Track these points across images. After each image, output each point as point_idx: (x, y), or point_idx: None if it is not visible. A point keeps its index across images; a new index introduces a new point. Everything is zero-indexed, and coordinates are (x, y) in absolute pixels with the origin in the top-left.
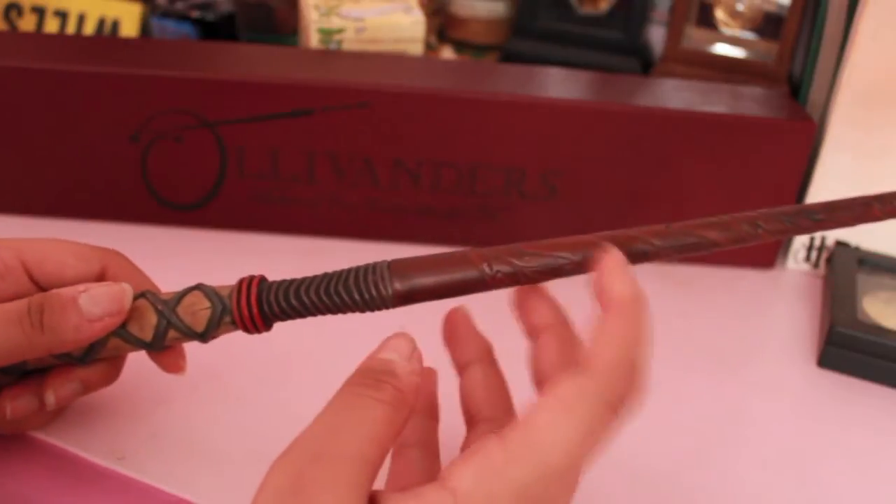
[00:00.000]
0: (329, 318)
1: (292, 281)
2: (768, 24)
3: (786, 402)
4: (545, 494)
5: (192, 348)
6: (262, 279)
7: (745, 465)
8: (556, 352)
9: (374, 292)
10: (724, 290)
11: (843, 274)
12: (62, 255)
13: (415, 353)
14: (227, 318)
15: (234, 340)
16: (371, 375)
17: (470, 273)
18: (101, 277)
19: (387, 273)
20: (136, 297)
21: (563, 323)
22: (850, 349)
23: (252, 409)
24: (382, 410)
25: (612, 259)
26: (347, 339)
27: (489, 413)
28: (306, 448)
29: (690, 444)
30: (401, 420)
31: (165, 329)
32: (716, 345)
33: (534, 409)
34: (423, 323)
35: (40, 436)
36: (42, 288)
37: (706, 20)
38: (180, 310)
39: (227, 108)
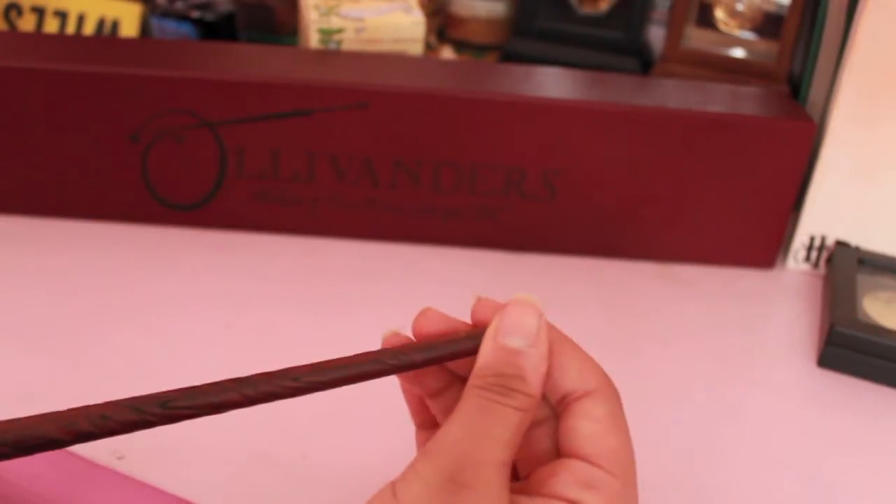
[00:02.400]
0: (327, 319)
1: None
2: (768, 24)
3: (786, 402)
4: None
5: (188, 347)
6: None
7: (744, 464)
8: (603, 421)
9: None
10: (724, 290)
11: (843, 274)
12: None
13: (540, 330)
14: None
15: (232, 339)
16: (501, 381)
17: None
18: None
19: None
20: None
21: (608, 388)
22: (850, 349)
23: (252, 409)
24: (518, 417)
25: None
26: (348, 338)
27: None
28: (451, 453)
29: (690, 443)
30: (529, 419)
31: None
32: (716, 344)
33: (600, 438)
34: None
35: None
36: None
37: (706, 20)
38: None
39: (227, 108)
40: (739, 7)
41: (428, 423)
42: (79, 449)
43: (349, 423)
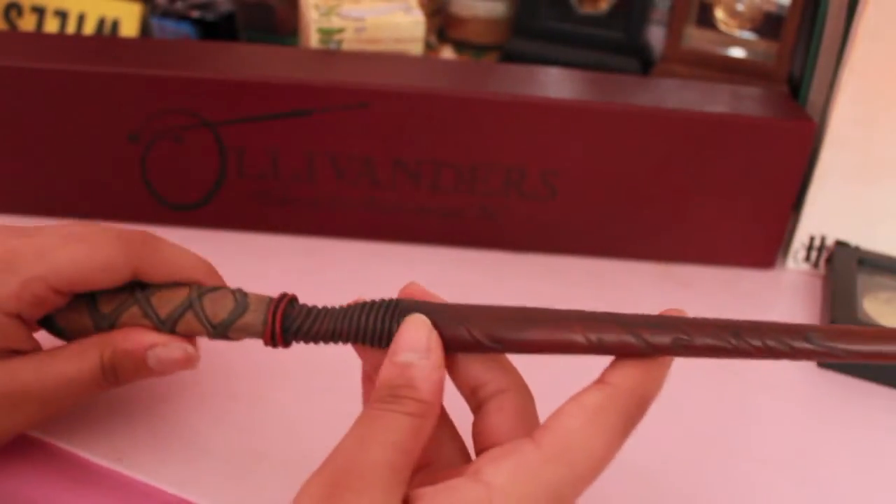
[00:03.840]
0: None
1: (322, 308)
2: (768, 24)
3: (786, 402)
4: (572, 497)
5: None
6: (294, 298)
7: (745, 464)
8: (514, 416)
9: (391, 331)
10: (724, 290)
11: (843, 274)
12: (89, 274)
13: (431, 342)
14: (248, 321)
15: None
16: (390, 392)
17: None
18: (132, 278)
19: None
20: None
21: (521, 387)
22: None
23: (252, 409)
24: (407, 421)
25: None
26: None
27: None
28: (337, 462)
29: (691, 443)
30: (427, 425)
31: (184, 311)
32: None
33: (563, 416)
34: None
35: (40, 436)
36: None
37: (706, 20)
38: (206, 299)
39: (227, 108)
40: (739, 7)
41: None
42: (79, 449)
43: (349, 422)
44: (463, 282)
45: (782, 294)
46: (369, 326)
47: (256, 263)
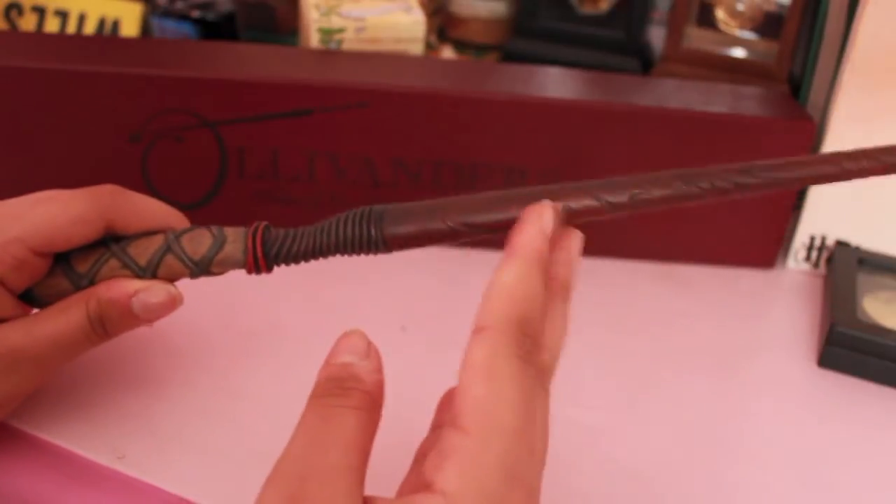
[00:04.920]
0: (332, 315)
1: (299, 229)
2: (768, 24)
3: (786, 401)
4: (518, 460)
5: (193, 346)
6: (269, 225)
7: (745, 464)
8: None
9: (371, 235)
10: (724, 290)
11: (843, 274)
12: (65, 230)
13: (370, 348)
14: (228, 252)
15: (236, 340)
16: (336, 384)
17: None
18: (106, 230)
19: (380, 218)
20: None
21: None
22: (850, 349)
23: (252, 407)
24: (357, 417)
25: (532, 211)
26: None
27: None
28: (292, 468)
29: (690, 443)
30: (375, 421)
31: (163, 254)
32: (716, 345)
33: (466, 387)
34: (422, 324)
35: (40, 435)
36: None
37: (706, 20)
38: (184, 239)
39: (227, 107)
40: (740, 7)
41: None
42: (79, 449)
43: None
44: (463, 282)
45: (782, 294)
46: (350, 234)
47: None
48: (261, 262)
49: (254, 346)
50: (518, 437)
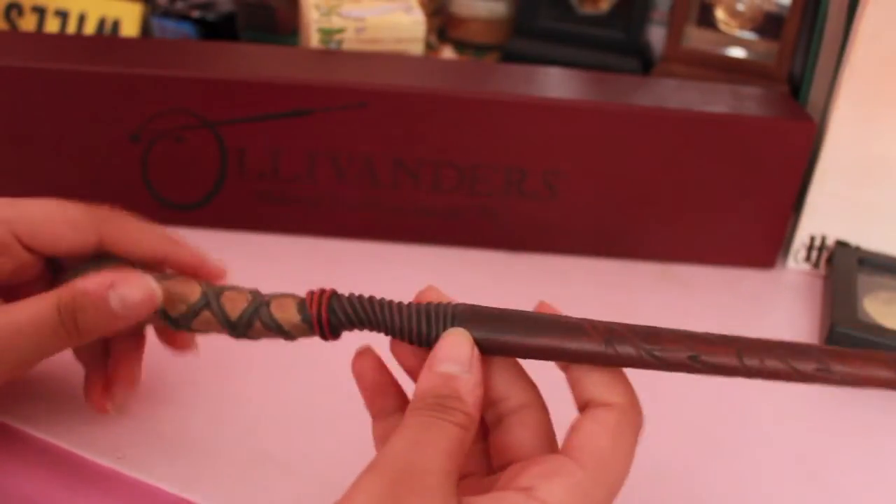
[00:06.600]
0: None
1: (362, 296)
2: (768, 24)
3: (786, 401)
4: (609, 500)
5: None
6: (335, 292)
7: (745, 465)
8: (536, 432)
9: (433, 334)
10: (724, 290)
11: (843, 274)
12: (56, 227)
13: (473, 357)
14: (269, 314)
15: (236, 340)
16: (438, 402)
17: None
18: (98, 246)
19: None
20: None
21: (541, 403)
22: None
23: (252, 408)
24: (456, 431)
25: None
26: (346, 339)
27: None
28: (394, 462)
29: (690, 444)
30: (470, 436)
31: (200, 309)
32: None
33: (590, 436)
34: None
35: (40, 435)
36: (37, 252)
37: (706, 20)
38: (224, 297)
39: (227, 108)
40: (740, 7)
41: (383, 413)
42: (79, 449)
43: (350, 422)
44: (463, 282)
45: (782, 294)
46: (421, 330)
47: (257, 263)
48: (326, 331)
49: (254, 347)
50: (612, 498)
